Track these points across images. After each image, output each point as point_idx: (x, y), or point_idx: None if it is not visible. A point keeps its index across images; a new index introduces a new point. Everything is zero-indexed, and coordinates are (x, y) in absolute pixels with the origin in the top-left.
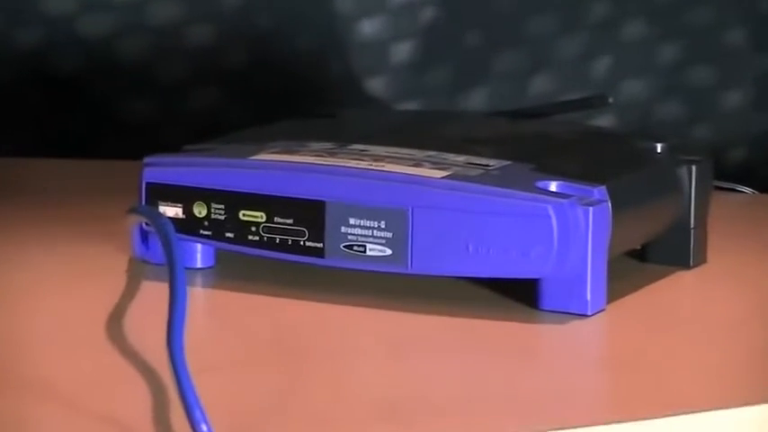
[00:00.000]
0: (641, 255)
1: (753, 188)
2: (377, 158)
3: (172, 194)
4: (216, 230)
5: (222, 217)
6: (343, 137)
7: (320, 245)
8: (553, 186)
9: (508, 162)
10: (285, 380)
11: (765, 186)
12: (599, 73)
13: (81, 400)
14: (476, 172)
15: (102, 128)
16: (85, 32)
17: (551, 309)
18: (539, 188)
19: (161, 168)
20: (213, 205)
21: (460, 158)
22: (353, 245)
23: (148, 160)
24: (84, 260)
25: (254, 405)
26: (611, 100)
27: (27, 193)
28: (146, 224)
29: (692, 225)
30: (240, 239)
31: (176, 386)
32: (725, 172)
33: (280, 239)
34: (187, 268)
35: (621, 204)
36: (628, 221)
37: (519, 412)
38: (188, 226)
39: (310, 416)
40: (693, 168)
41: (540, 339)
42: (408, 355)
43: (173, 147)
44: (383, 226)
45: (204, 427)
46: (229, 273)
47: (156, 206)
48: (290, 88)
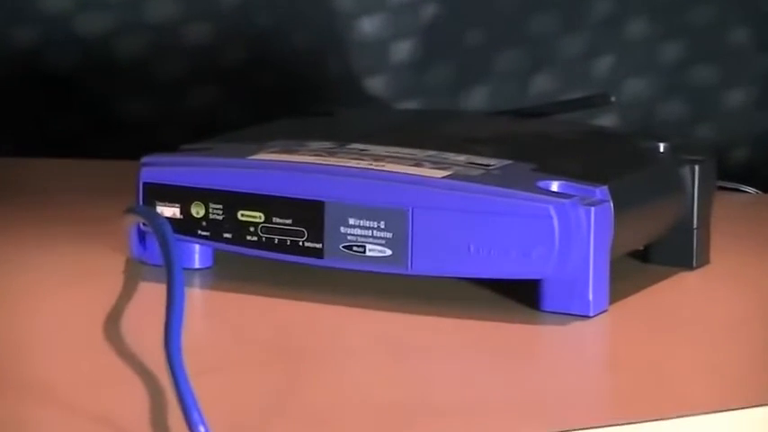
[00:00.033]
0: (644, 255)
1: (756, 188)
2: (377, 158)
3: (169, 194)
4: (214, 231)
5: (220, 217)
6: (342, 136)
7: (319, 245)
8: (555, 186)
9: (509, 162)
10: (284, 381)
11: None
12: (601, 72)
13: (79, 402)
14: (477, 172)
15: (99, 126)
16: (83, 31)
17: (553, 310)
18: (540, 188)
19: (158, 168)
20: (211, 205)
21: (461, 158)
22: (353, 245)
23: (146, 160)
24: (80, 261)
25: (252, 406)
26: (613, 99)
27: (26, 194)
28: (143, 224)
29: (695, 225)
30: (238, 240)
31: (174, 387)
32: (728, 172)
33: (278, 240)
34: (185, 269)
35: (624, 204)
36: (630, 222)
37: (520, 414)
38: (186, 226)
39: (309, 417)
40: (696, 168)
41: (542, 340)
42: (408, 357)
43: (170, 145)
44: (383, 226)
45: (202, 429)
46: (227, 273)
47: (154, 206)
48: (290, 87)
